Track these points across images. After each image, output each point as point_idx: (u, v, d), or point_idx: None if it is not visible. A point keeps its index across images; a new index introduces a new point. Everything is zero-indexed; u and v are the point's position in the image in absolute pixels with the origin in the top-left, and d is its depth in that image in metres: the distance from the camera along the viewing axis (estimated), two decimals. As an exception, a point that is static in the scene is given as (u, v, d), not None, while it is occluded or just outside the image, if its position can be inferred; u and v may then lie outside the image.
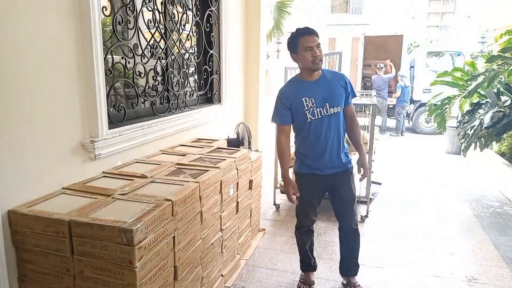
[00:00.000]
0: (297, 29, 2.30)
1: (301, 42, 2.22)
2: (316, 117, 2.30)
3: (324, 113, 2.29)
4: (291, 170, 2.49)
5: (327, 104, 2.28)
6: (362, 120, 3.75)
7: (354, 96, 2.43)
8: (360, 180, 2.50)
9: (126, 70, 2.53)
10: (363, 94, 4.90)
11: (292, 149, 2.52)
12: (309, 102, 2.29)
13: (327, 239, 3.31)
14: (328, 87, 2.30)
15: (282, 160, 2.44)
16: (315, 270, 2.71)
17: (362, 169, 2.45)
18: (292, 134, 2.48)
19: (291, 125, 2.41)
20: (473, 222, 3.78)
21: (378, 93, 8.64)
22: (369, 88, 8.72)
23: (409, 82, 8.85)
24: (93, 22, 2.04)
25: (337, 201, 2.48)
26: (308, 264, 2.67)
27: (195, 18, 3.42)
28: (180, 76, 3.20)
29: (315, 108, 2.28)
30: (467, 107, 4.80)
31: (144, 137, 2.62)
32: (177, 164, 2.43)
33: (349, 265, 2.60)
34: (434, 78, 5.21)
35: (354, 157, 2.61)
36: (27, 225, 1.69)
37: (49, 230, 1.65)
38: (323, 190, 2.49)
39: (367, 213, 3.77)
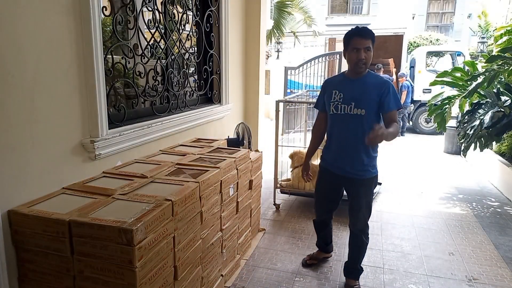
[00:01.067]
0: (355, 27, 2.30)
1: (352, 42, 2.26)
2: (338, 112, 2.34)
3: (347, 111, 2.31)
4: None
5: (352, 103, 2.30)
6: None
7: (397, 107, 2.29)
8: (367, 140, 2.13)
9: (126, 70, 2.53)
10: None
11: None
12: (336, 96, 2.35)
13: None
14: (362, 89, 2.30)
15: (310, 143, 2.67)
16: (327, 252, 2.95)
17: (374, 133, 2.07)
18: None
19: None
20: (473, 222, 3.78)
21: None
22: None
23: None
24: (93, 22, 2.04)
25: (349, 202, 2.54)
26: (320, 245, 2.92)
27: (195, 18, 3.43)
28: (180, 76, 3.20)
29: (340, 104, 2.33)
30: (467, 107, 4.80)
31: (144, 137, 2.62)
32: (177, 164, 2.43)
33: (348, 267, 2.65)
34: (434, 78, 5.21)
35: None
36: (27, 225, 1.69)
37: (49, 230, 1.64)
38: (335, 188, 2.57)
39: (367, 213, 3.77)
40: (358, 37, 2.24)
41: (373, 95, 2.28)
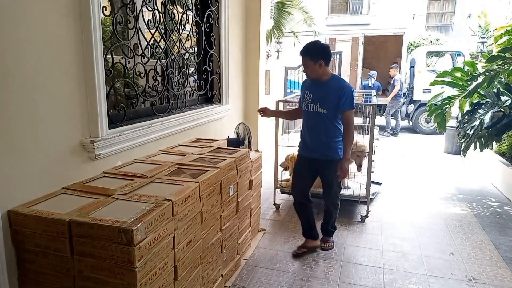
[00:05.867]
0: None
1: None
2: (309, 109, 2.86)
3: (315, 109, 2.83)
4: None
5: (318, 103, 2.81)
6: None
7: (352, 107, 2.77)
8: (338, 179, 2.93)
9: (126, 70, 2.53)
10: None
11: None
12: (307, 96, 2.87)
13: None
14: (325, 91, 2.79)
15: (285, 111, 3.43)
16: (314, 239, 3.20)
17: (339, 169, 2.85)
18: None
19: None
20: (473, 222, 3.78)
21: (400, 93, 8.59)
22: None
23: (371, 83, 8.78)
24: (93, 22, 2.04)
25: (322, 182, 3.07)
26: (305, 232, 3.21)
27: (195, 18, 3.43)
28: (180, 76, 3.20)
29: (310, 103, 2.85)
30: (467, 107, 4.80)
31: (144, 137, 2.62)
32: (177, 164, 2.43)
33: (323, 228, 3.23)
34: (434, 78, 5.20)
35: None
36: (27, 225, 1.69)
37: (49, 230, 1.65)
38: (309, 170, 3.02)
39: (367, 213, 3.77)
40: (301, 56, 2.79)
41: (333, 98, 2.76)
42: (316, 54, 2.73)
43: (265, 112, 3.20)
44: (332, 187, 3.00)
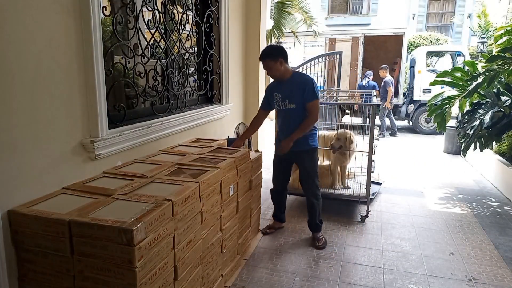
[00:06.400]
0: None
1: None
2: (280, 108, 3.08)
3: (284, 106, 3.04)
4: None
5: (287, 100, 3.02)
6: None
7: (315, 98, 2.95)
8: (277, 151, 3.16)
9: (126, 70, 2.53)
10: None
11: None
12: (277, 97, 3.08)
13: (327, 239, 3.31)
14: (290, 88, 2.99)
15: (247, 129, 3.37)
16: (282, 222, 3.55)
17: (280, 144, 3.06)
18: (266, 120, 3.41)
19: (271, 111, 3.27)
20: (473, 222, 3.78)
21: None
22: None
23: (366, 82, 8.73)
24: (93, 22, 2.04)
25: (300, 172, 3.27)
26: (275, 215, 3.53)
27: (195, 18, 3.43)
28: (180, 76, 3.20)
29: (280, 102, 3.06)
30: (467, 107, 4.80)
31: (144, 137, 2.62)
32: (177, 164, 2.43)
33: (310, 224, 3.31)
34: (434, 78, 5.20)
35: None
36: (27, 225, 1.69)
37: (49, 230, 1.65)
38: (286, 162, 3.28)
39: (367, 213, 3.77)
40: (261, 61, 2.98)
41: (299, 90, 2.95)
42: (275, 53, 2.94)
43: (236, 145, 3.10)
44: (309, 174, 3.16)
